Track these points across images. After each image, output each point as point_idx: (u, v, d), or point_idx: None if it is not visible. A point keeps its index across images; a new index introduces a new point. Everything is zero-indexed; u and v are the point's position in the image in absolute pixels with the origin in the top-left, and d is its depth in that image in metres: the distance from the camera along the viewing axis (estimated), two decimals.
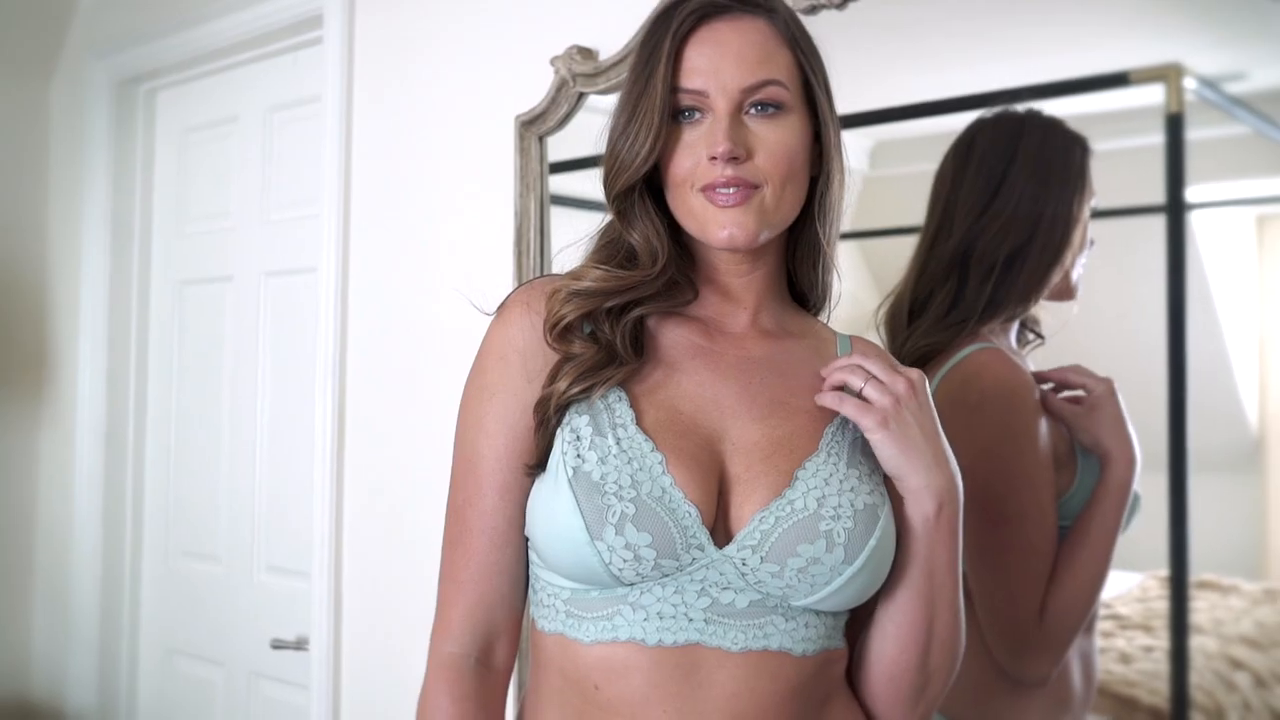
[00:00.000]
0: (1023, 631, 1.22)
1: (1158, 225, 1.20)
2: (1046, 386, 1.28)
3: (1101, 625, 1.28)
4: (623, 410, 0.96)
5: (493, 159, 1.85)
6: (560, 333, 0.98)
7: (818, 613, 0.96)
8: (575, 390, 0.95)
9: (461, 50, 1.95)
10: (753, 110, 0.97)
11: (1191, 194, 1.20)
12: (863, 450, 0.99)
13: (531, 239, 1.77)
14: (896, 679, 1.00)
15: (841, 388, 0.99)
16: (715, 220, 0.96)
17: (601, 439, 0.94)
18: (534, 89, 1.76)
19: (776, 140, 0.96)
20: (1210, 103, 1.21)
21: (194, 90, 2.65)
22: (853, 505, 0.94)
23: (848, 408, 0.97)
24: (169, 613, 2.67)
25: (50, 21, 2.83)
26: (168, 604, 2.68)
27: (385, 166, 2.08)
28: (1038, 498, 1.23)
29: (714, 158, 0.95)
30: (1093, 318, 1.28)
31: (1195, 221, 1.21)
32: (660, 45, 0.97)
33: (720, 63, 0.96)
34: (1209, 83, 1.19)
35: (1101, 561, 1.21)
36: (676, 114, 0.98)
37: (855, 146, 1.44)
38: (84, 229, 2.75)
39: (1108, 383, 1.25)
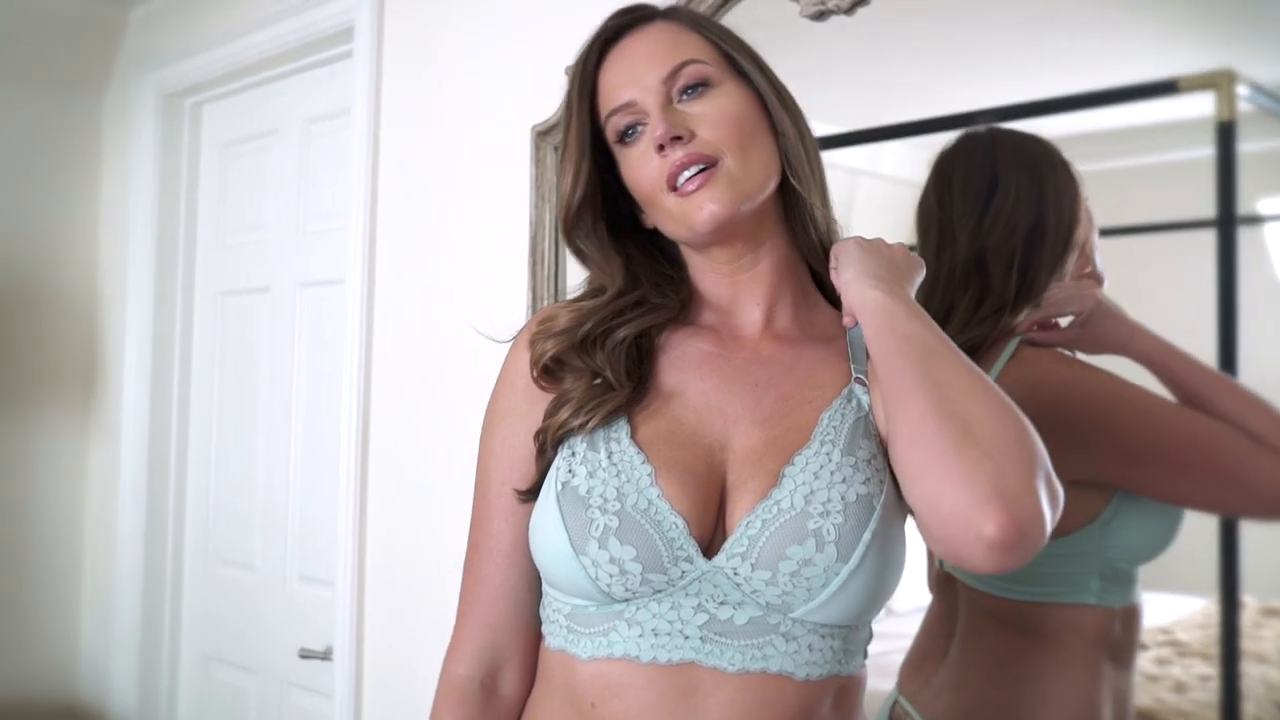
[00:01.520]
0: None
1: (1212, 240, 1.17)
2: (1035, 333, 1.25)
3: (1158, 652, 1.23)
4: (619, 425, 0.96)
5: (509, 169, 1.85)
6: (544, 372, 1.00)
7: (822, 634, 0.91)
8: (574, 424, 0.96)
9: (480, 59, 1.95)
10: (684, 97, 0.98)
11: (1262, 206, 1.16)
12: (864, 433, 0.94)
13: (546, 249, 1.77)
14: (924, 436, 0.83)
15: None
16: (692, 206, 0.96)
17: (594, 454, 0.94)
18: (550, 99, 1.75)
19: (716, 110, 0.97)
20: (1270, 112, 1.17)
21: (236, 103, 2.68)
22: (843, 498, 0.89)
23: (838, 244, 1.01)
24: (207, 620, 2.70)
25: (104, 38, 2.88)
26: (206, 611, 2.70)
27: (408, 176, 2.08)
28: (1176, 410, 1.17)
29: (661, 146, 0.96)
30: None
31: (1266, 235, 1.17)
32: (575, 82, 1.02)
33: (634, 69, 0.99)
34: (1266, 91, 1.15)
35: (1238, 393, 1.15)
36: (622, 139, 1.00)
37: (912, 158, 1.43)
38: (131, 240, 2.79)
39: (1089, 293, 1.23)
